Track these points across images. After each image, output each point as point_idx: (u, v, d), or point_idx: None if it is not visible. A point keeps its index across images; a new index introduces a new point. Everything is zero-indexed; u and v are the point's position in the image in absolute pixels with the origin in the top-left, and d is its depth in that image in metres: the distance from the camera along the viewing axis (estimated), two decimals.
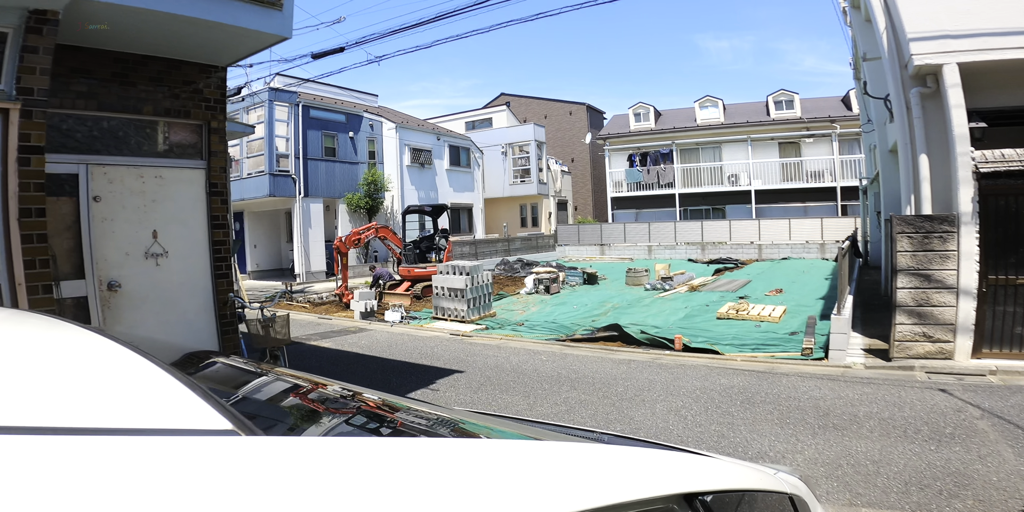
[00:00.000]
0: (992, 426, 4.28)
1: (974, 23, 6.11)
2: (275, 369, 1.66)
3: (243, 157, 17.91)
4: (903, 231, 6.12)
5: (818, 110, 24.20)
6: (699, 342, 7.38)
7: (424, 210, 15.34)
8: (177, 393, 0.73)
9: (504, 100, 36.76)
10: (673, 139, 25.84)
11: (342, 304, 12.39)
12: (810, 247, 20.75)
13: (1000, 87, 6.37)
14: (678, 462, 0.96)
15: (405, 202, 20.63)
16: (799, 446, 4.06)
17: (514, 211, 29.37)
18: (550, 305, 11.44)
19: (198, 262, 4.88)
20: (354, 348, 8.14)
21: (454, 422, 1.21)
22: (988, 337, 5.96)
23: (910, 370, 5.87)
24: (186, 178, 4.78)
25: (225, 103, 4.85)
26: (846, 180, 22.65)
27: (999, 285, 5.88)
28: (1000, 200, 5.93)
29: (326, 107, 19.14)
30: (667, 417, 4.79)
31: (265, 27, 4.13)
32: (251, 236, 20.05)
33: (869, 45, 9.88)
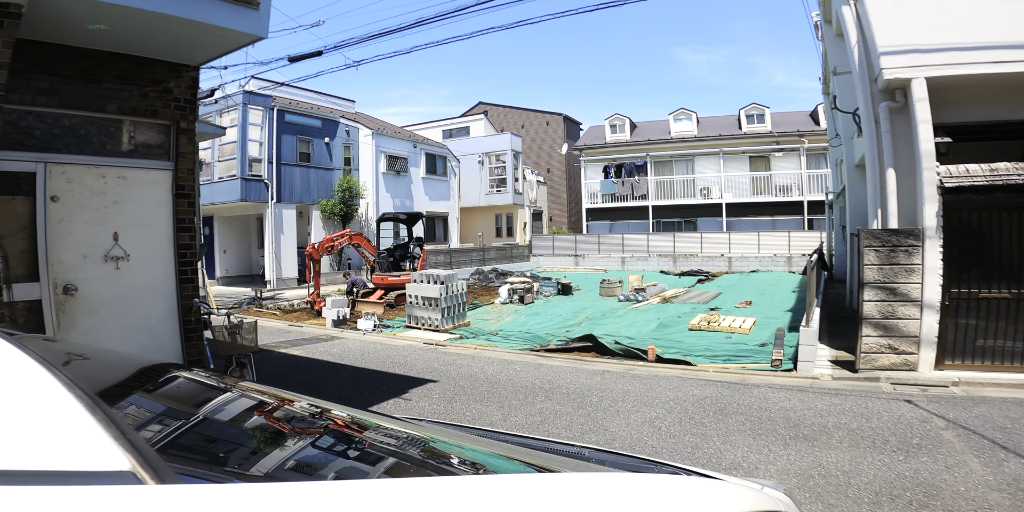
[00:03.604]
0: (957, 436, 4.36)
1: (943, 37, 6.24)
2: (239, 384, 1.57)
3: (214, 160, 17.55)
4: (870, 245, 6.26)
5: (787, 124, 24.84)
6: (672, 353, 7.42)
7: (399, 218, 15.22)
8: (72, 420, 0.57)
9: (482, 109, 36.88)
10: (648, 151, 26.20)
11: (314, 312, 12.16)
12: (778, 260, 21.19)
13: (966, 102, 6.53)
14: (669, 493, 0.91)
15: (380, 210, 20.44)
16: (772, 457, 4.08)
17: (489, 221, 29.35)
18: (524, 315, 11.40)
19: (162, 266, 4.71)
20: (325, 356, 7.96)
21: (424, 441, 1.13)
22: (951, 349, 6.11)
23: (876, 381, 5.98)
24: (151, 179, 4.62)
25: (196, 103, 4.72)
26: (813, 194, 23.24)
27: (961, 298, 6.05)
28: (963, 215, 6.10)
29: (302, 112, 18.91)
30: (642, 428, 4.77)
31: (240, 26, 4.04)
32: (221, 241, 19.60)
33: (840, 59, 10.13)
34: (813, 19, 15.17)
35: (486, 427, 1.94)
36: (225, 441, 1.06)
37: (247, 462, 0.91)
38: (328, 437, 1.12)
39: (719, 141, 25.00)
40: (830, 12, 10.92)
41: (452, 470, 1.01)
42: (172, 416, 1.12)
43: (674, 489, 0.91)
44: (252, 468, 0.86)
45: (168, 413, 1.13)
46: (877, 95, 6.92)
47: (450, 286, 9.97)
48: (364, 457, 1.02)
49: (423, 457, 1.05)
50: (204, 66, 4.93)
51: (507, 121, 36.44)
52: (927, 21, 6.36)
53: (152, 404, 1.18)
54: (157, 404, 1.21)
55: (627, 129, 27.77)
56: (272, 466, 0.87)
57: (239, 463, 0.90)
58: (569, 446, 1.72)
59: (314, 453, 1.04)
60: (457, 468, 1.03)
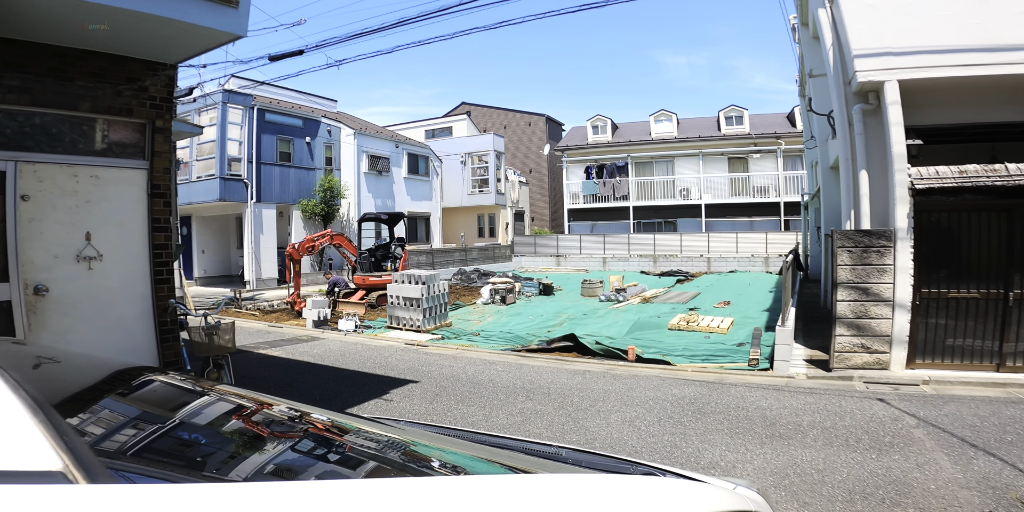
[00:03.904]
0: (928, 435, 4.47)
1: (915, 40, 6.34)
2: (209, 385, 1.56)
3: (193, 160, 17.29)
4: (843, 245, 6.38)
5: (765, 126, 25.19)
6: (651, 353, 7.49)
7: (381, 218, 15.15)
8: (11, 421, 0.57)
9: (465, 109, 36.83)
10: (629, 152, 26.40)
11: (294, 312, 12.04)
12: (755, 260, 21.49)
13: (937, 105, 6.66)
14: (644, 494, 0.93)
15: (362, 210, 20.31)
16: (748, 455, 4.14)
17: (472, 221, 29.33)
18: (506, 315, 11.42)
19: (136, 266, 4.63)
20: (305, 357, 7.89)
21: (391, 441, 1.12)
22: (922, 348, 6.26)
23: (849, 380, 6.11)
24: (126, 178, 4.54)
25: (172, 102, 4.65)
26: (789, 195, 23.60)
27: (931, 298, 6.20)
28: (933, 216, 6.25)
29: (282, 111, 18.72)
30: (622, 427, 4.81)
31: (218, 25, 3.99)
32: (199, 241, 19.30)
33: (816, 62, 10.26)
34: (790, 22, 15.29)
35: (465, 427, 1.95)
36: (180, 443, 1.04)
37: (199, 463, 0.90)
38: (290, 438, 1.11)
39: (699, 142, 25.27)
40: (807, 15, 11.07)
41: (420, 471, 1.01)
42: (134, 419, 1.11)
43: (644, 490, 0.93)
44: (203, 469, 0.85)
45: (130, 416, 1.12)
46: (851, 97, 7.02)
47: (432, 286, 9.95)
48: (320, 457, 1.00)
49: (386, 456, 1.05)
50: (182, 64, 4.86)
51: (490, 121, 36.44)
52: (900, 24, 6.45)
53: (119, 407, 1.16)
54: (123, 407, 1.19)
55: (609, 130, 27.95)
56: (223, 466, 0.87)
57: (190, 464, 0.89)
58: (547, 446, 1.74)
59: (271, 454, 1.03)
60: (426, 469, 1.03)
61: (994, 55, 6.09)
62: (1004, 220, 5.98)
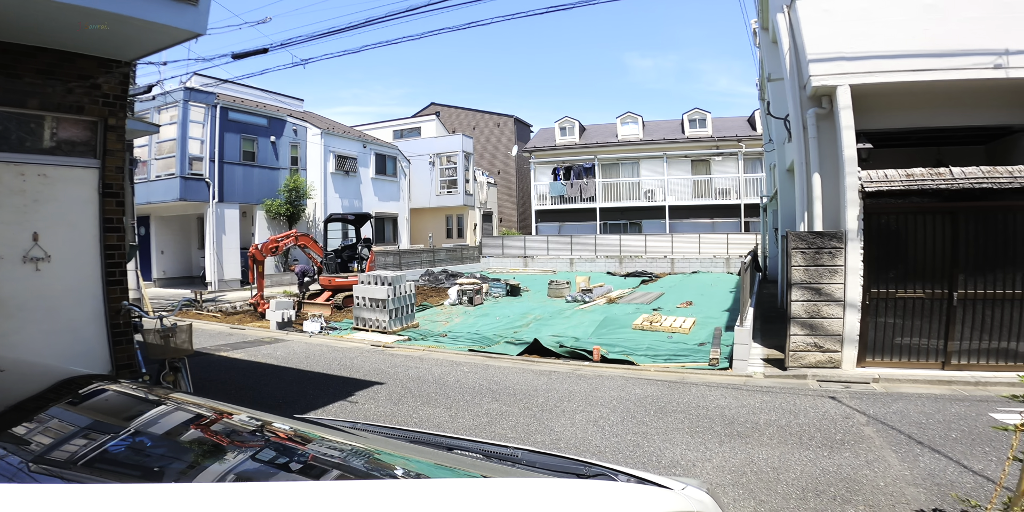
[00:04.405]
0: (877, 432, 4.65)
1: (867, 46, 6.55)
2: (168, 395, 1.53)
3: (151, 158, 16.79)
4: (797, 247, 6.59)
5: (727, 129, 25.77)
6: (616, 353, 7.60)
7: (347, 219, 14.97)
8: None
9: (434, 110, 36.64)
10: (596, 154, 26.68)
11: (257, 314, 11.80)
12: (717, 261, 21.98)
13: (887, 109, 6.90)
14: (587, 491, 0.96)
15: (328, 210, 20.02)
16: (708, 454, 4.25)
17: (440, 222, 29.20)
18: (473, 316, 11.42)
19: (87, 268, 4.48)
20: (269, 359, 7.75)
21: (333, 444, 1.12)
22: (871, 347, 6.50)
23: (803, 379, 6.31)
24: (76, 177, 4.39)
25: (126, 100, 4.51)
26: (749, 198, 24.22)
27: (881, 298, 6.46)
28: (882, 218, 6.49)
29: (247, 110, 18.33)
30: (586, 428, 4.87)
31: (176, 22, 3.89)
32: (158, 242, 18.73)
33: (774, 66, 10.48)
34: (752, 26, 15.56)
35: (427, 430, 1.96)
36: (118, 455, 1.02)
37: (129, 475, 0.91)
38: (235, 447, 1.10)
39: (663, 145, 25.71)
40: (767, 19, 11.30)
41: (367, 476, 1.01)
42: (73, 431, 1.10)
43: (588, 493, 0.96)
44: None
45: (69, 428, 1.10)
46: (806, 101, 7.21)
47: (398, 287, 9.88)
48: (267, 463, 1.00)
49: (331, 461, 1.05)
50: (141, 61, 4.73)
51: (459, 122, 36.34)
52: (854, 29, 6.63)
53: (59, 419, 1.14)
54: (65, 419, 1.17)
55: (576, 132, 28.19)
56: (161, 474, 0.87)
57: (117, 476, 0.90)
58: (503, 448, 1.76)
59: (212, 463, 1.03)
60: (374, 475, 1.03)
61: (940, 60, 6.33)
62: (949, 222, 6.26)
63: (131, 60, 4.54)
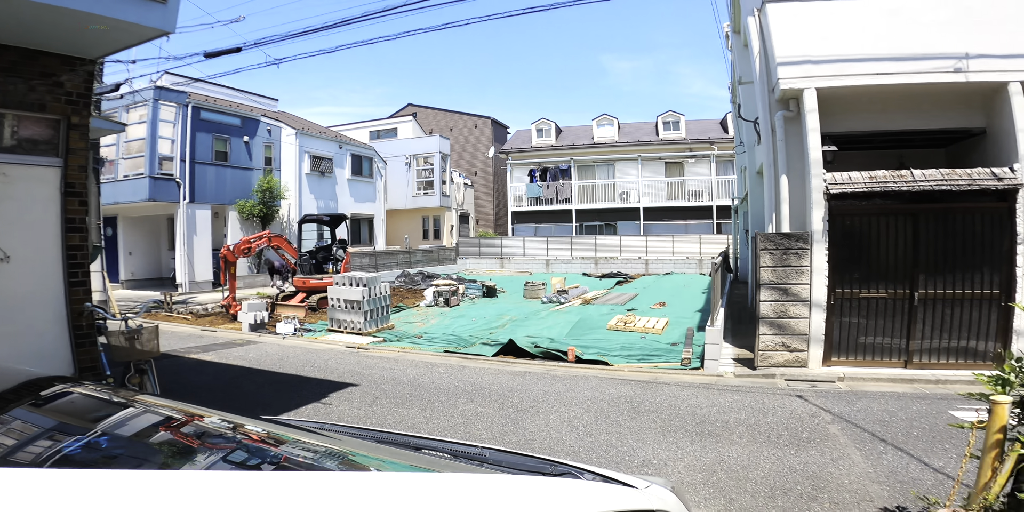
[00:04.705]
0: (842, 430, 4.77)
1: (833, 50, 6.67)
2: (136, 398, 1.51)
3: (119, 158, 16.38)
4: (765, 248, 6.72)
5: (700, 132, 26.16)
6: (591, 353, 7.67)
7: (322, 220, 14.84)
8: None
9: (411, 111, 36.46)
10: (572, 155, 26.84)
11: (229, 316, 11.60)
12: (690, 262, 22.29)
13: (851, 112, 7.05)
14: (543, 489, 0.98)
15: (303, 211, 19.78)
16: (680, 453, 4.32)
17: (416, 223, 29.06)
18: (449, 317, 11.40)
19: (48, 268, 4.36)
20: (240, 361, 7.63)
21: (345, 455, 1.13)
22: (836, 346, 6.67)
23: (772, 378, 6.45)
24: (36, 176, 4.27)
25: (90, 98, 4.41)
26: (721, 200, 24.62)
27: (845, 298, 6.62)
28: (847, 220, 6.65)
29: (219, 109, 18.01)
30: (560, 428, 4.91)
31: (143, 20, 3.81)
32: (126, 242, 18.28)
33: (745, 69, 10.64)
34: (724, 30, 15.78)
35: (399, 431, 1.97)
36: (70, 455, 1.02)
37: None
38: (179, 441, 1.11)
39: (638, 147, 25.99)
40: (739, 23, 11.47)
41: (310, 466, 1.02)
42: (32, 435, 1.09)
43: (546, 489, 0.98)
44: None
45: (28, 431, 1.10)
46: (774, 104, 7.33)
47: (373, 289, 9.82)
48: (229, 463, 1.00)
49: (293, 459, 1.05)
50: (109, 59, 4.63)
51: (436, 123, 36.20)
52: (821, 33, 6.75)
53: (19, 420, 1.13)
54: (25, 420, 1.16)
55: (553, 133, 28.32)
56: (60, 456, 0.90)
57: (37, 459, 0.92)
58: (472, 447, 1.78)
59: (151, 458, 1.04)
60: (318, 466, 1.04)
61: (902, 64, 6.49)
62: (910, 224, 6.45)
63: (96, 58, 4.44)
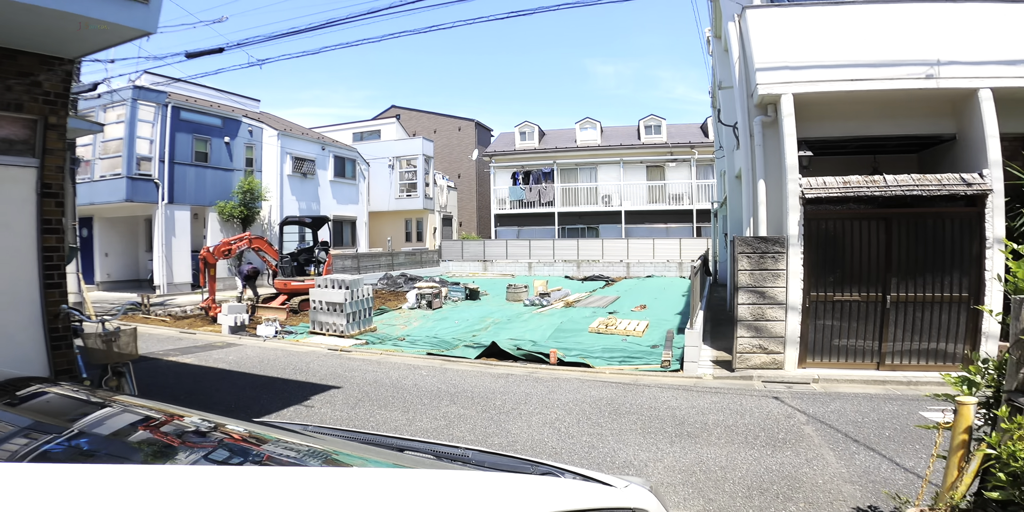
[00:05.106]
0: (816, 431, 4.88)
1: (810, 56, 6.81)
2: (115, 398, 1.52)
3: (95, 158, 16.09)
4: (743, 251, 6.84)
5: (681, 136, 26.44)
6: (573, 356, 7.73)
7: (304, 221, 14.74)
8: None
9: (394, 113, 36.32)
10: (555, 159, 26.97)
11: (208, 318, 11.46)
12: (671, 265, 22.51)
13: (827, 118, 7.21)
14: (538, 487, 1.00)
15: (284, 212, 19.59)
16: (659, 454, 4.38)
17: (399, 225, 28.93)
18: (432, 320, 11.39)
19: (23, 270, 4.29)
20: (220, 364, 7.55)
21: (328, 454, 1.16)
22: (812, 348, 6.81)
23: (749, 380, 6.56)
24: (12, 177, 4.21)
25: (68, 98, 4.35)
26: (701, 203, 24.87)
27: (820, 301, 6.77)
28: (822, 224, 6.80)
29: (200, 110, 17.79)
30: (543, 429, 4.95)
31: (124, 20, 3.79)
32: (102, 244, 17.95)
33: (725, 74, 10.79)
34: (706, 35, 15.96)
35: (380, 432, 1.99)
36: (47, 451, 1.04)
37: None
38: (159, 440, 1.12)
39: (620, 150, 26.20)
40: (720, 28, 11.64)
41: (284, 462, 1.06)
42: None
43: (525, 487, 1.00)
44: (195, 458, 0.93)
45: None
46: (753, 109, 7.45)
47: (356, 291, 9.78)
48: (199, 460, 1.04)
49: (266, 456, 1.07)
50: (87, 58, 4.57)
51: (419, 125, 36.12)
52: (799, 39, 6.89)
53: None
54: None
55: (536, 136, 28.42)
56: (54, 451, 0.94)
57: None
58: (454, 448, 1.82)
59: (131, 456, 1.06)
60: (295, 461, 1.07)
61: (877, 70, 6.66)
62: (883, 228, 6.62)
63: (75, 58, 4.40)
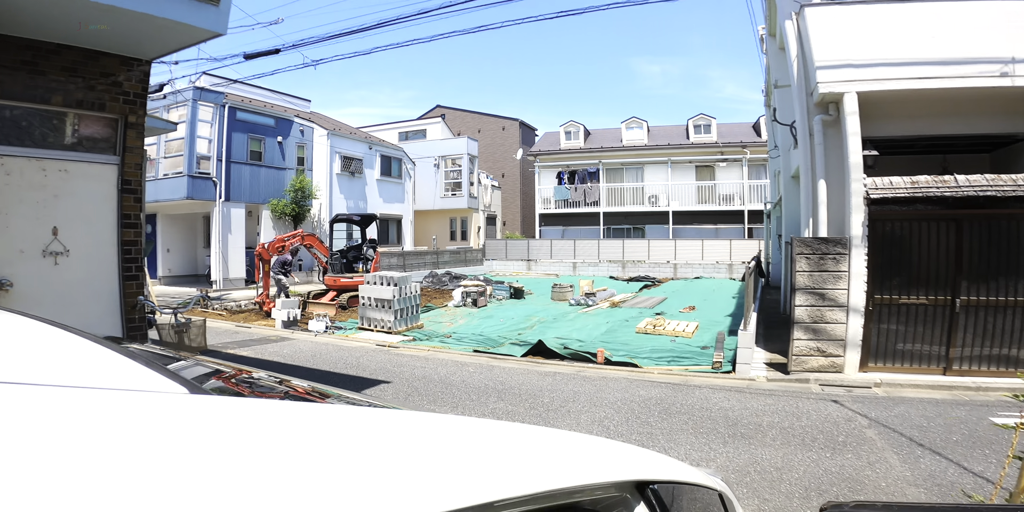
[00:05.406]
0: (879, 434, 4.71)
1: (874, 54, 6.59)
2: (200, 357, 1.63)
3: (160, 157, 16.92)
4: (802, 252, 6.65)
5: (732, 135, 25.77)
6: (620, 356, 7.66)
7: (352, 219, 15.08)
8: (129, 365, 0.83)
9: (439, 112, 36.77)
10: (600, 158, 26.75)
11: (262, 312, 11.88)
12: (720, 267, 21.98)
13: (893, 117, 6.95)
14: (630, 452, 1.00)
15: (333, 211, 20.11)
16: (712, 454, 4.31)
17: (444, 224, 29.28)
18: (477, 318, 11.48)
19: (104, 262, 4.56)
20: (275, 357, 7.82)
21: (392, 407, 1.23)
22: (874, 352, 6.55)
23: (806, 383, 6.36)
24: (96, 173, 4.48)
25: (146, 98, 4.60)
26: (753, 204, 24.19)
27: (884, 304, 6.51)
28: (887, 225, 6.55)
29: (255, 110, 18.47)
30: (591, 427, 4.93)
31: (198, 22, 3.98)
32: (164, 239, 18.86)
33: (781, 73, 10.54)
34: (759, 33, 15.64)
35: None
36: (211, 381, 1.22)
37: (246, 388, 1.18)
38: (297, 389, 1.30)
39: (668, 150, 25.76)
40: (775, 26, 11.38)
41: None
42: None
43: (614, 450, 0.97)
44: (251, 392, 1.15)
45: None
46: (813, 108, 7.26)
47: (404, 288, 9.95)
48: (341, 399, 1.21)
49: None
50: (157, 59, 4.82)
51: (464, 125, 36.45)
52: (861, 37, 6.68)
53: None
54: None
55: (581, 136, 28.27)
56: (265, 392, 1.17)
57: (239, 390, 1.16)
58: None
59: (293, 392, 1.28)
60: None
61: (946, 68, 6.38)
62: (953, 230, 6.31)
63: (152, 59, 4.64)
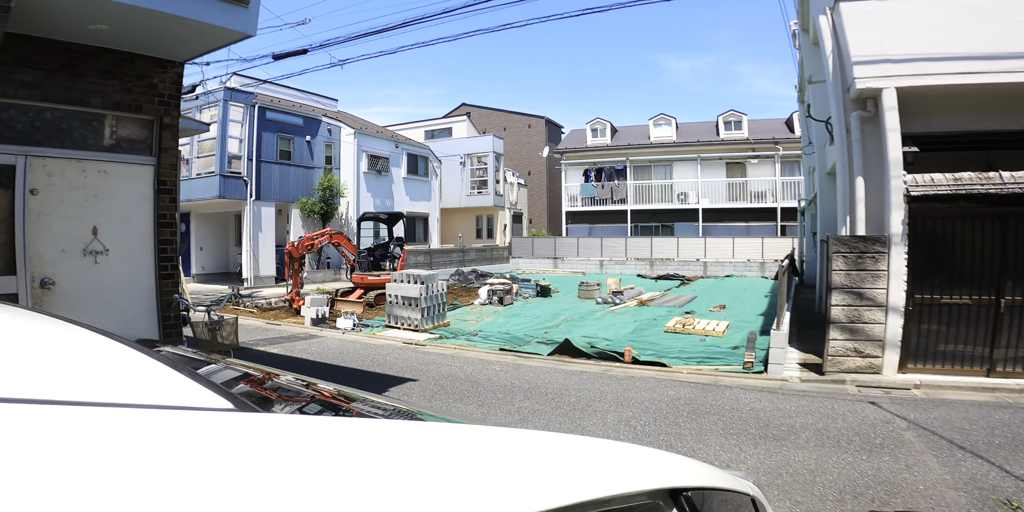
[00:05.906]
0: (918, 437, 4.56)
1: (913, 48, 6.38)
2: (229, 360, 1.63)
3: (193, 157, 17.34)
4: (839, 251, 6.46)
5: (763, 132, 25.23)
6: (648, 355, 7.56)
7: (380, 218, 15.22)
8: (181, 382, 0.82)
9: (465, 110, 36.90)
10: (627, 156, 26.49)
11: (292, 310, 12.08)
12: (751, 265, 21.57)
13: (934, 112, 6.71)
14: (663, 458, 0.97)
15: (360, 209, 20.37)
16: (742, 455, 4.22)
17: (470, 222, 29.39)
18: (504, 316, 11.48)
19: (141, 261, 4.68)
20: (304, 355, 7.94)
21: (415, 413, 1.22)
22: (913, 353, 6.34)
23: (842, 384, 6.19)
24: (133, 174, 4.60)
25: (180, 99, 4.71)
26: (786, 201, 23.68)
27: (924, 304, 6.29)
28: (928, 223, 6.33)
29: (283, 109, 18.79)
30: (618, 427, 4.88)
31: (229, 23, 4.05)
32: (197, 238, 19.34)
33: (815, 68, 10.30)
34: (791, 28, 15.35)
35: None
36: (253, 392, 1.22)
37: (283, 405, 1.15)
38: (337, 400, 1.28)
39: (697, 147, 25.37)
40: (808, 21, 11.13)
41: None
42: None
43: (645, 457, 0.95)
44: (290, 410, 1.10)
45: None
46: (849, 104, 7.07)
47: (430, 286, 10.01)
48: (379, 412, 1.17)
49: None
50: (189, 61, 4.92)
51: (489, 123, 36.51)
52: (899, 32, 6.48)
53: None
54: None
55: (608, 133, 28.04)
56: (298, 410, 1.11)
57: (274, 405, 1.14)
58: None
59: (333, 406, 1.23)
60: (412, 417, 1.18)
61: (990, 63, 6.14)
62: (997, 228, 6.07)
63: (185, 60, 4.74)
